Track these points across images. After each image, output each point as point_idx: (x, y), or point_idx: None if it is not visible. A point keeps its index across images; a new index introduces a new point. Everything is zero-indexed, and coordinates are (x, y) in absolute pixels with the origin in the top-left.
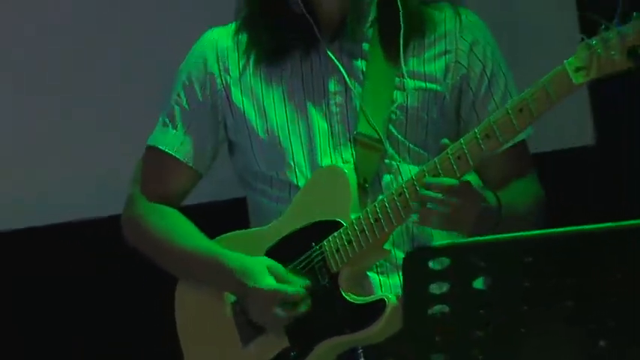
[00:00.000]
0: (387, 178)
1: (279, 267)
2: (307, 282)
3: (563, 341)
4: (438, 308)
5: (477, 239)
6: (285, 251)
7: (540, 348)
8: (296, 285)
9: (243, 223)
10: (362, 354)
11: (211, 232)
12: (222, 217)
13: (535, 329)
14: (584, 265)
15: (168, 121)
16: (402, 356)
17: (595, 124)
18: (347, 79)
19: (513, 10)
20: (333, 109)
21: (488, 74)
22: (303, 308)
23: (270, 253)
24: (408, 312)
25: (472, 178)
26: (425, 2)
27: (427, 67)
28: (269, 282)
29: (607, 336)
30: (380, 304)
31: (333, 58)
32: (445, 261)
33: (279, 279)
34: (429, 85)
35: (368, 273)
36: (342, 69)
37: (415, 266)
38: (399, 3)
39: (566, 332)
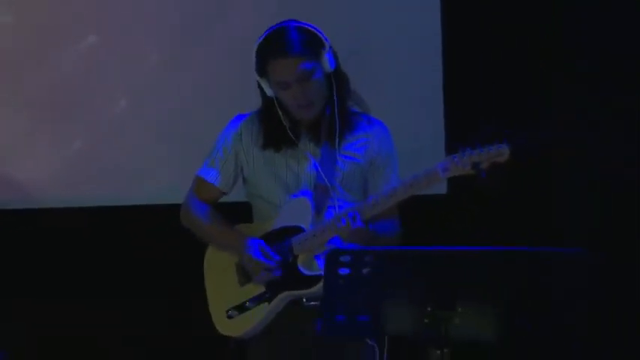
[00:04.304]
0: (331, 209)
1: (265, 247)
2: (276, 258)
3: (400, 306)
4: (341, 281)
5: (366, 248)
6: (272, 238)
7: (389, 308)
8: (269, 258)
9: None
10: (305, 301)
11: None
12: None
13: (388, 297)
14: (423, 270)
15: (210, 163)
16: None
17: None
18: (312, 158)
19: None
20: (304, 171)
21: (385, 159)
22: (272, 269)
23: (263, 237)
24: (326, 283)
25: None
26: (354, 112)
27: (356, 150)
28: (256, 254)
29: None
30: (319, 278)
31: (305, 149)
32: (348, 257)
33: (263, 253)
34: (356, 160)
35: (314, 257)
36: (309, 153)
37: (332, 258)
38: (336, 115)
39: (401, 302)
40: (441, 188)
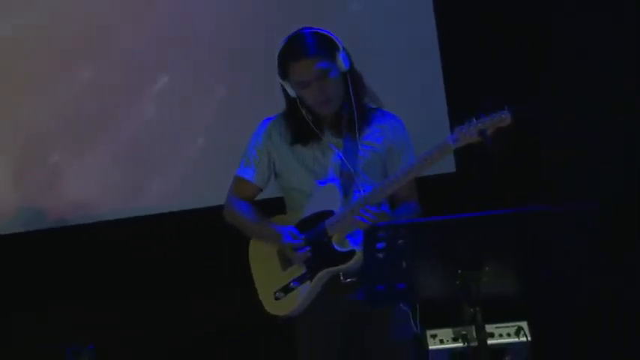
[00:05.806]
0: (357, 192)
1: (294, 230)
2: (301, 236)
3: (433, 271)
4: (379, 254)
5: (398, 222)
6: (306, 224)
7: (423, 274)
8: (296, 238)
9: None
10: (342, 279)
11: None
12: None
13: (422, 264)
14: (444, 239)
15: (246, 163)
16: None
17: (455, 156)
18: (336, 149)
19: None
20: (330, 160)
21: (401, 146)
22: (301, 246)
23: (298, 225)
24: (365, 257)
25: None
26: (370, 108)
27: (374, 140)
28: (287, 238)
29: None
30: (352, 252)
31: (329, 142)
32: (384, 232)
33: (292, 235)
34: (375, 149)
35: (346, 236)
36: (333, 145)
37: (371, 233)
38: (354, 110)
39: (434, 268)
40: (450, 167)
